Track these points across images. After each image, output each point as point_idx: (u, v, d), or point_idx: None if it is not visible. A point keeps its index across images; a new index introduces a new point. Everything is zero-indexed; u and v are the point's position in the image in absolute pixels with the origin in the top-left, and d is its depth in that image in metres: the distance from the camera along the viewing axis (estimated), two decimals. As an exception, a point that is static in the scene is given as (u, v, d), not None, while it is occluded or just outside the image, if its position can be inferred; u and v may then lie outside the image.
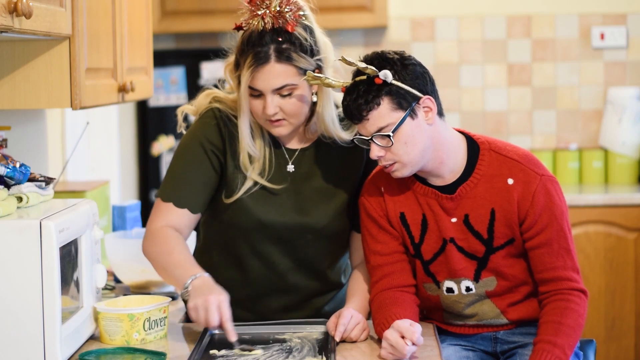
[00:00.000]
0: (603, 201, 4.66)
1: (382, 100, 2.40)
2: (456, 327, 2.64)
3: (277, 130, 2.58)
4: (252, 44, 2.51)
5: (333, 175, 2.67)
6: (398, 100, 2.40)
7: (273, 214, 2.62)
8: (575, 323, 2.47)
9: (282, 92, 2.52)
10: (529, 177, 2.50)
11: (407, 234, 2.56)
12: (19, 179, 2.41)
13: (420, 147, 2.43)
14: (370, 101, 2.40)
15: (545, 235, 2.49)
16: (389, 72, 2.39)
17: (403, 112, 2.41)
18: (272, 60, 2.50)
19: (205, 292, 2.40)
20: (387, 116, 2.40)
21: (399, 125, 2.40)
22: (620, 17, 5.15)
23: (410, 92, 2.41)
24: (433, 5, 5.23)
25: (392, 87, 2.40)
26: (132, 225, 3.53)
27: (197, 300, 2.39)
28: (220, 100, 2.67)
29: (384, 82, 2.39)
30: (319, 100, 2.59)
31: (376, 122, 2.41)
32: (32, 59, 2.59)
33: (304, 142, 2.68)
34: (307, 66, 2.52)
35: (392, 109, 2.40)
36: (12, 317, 2.22)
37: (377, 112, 2.40)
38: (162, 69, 5.00)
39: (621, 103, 4.97)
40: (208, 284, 2.45)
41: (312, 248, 2.67)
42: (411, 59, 2.46)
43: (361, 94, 2.40)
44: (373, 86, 2.40)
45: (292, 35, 2.51)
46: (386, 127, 2.41)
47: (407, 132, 2.42)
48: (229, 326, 2.38)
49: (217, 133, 2.63)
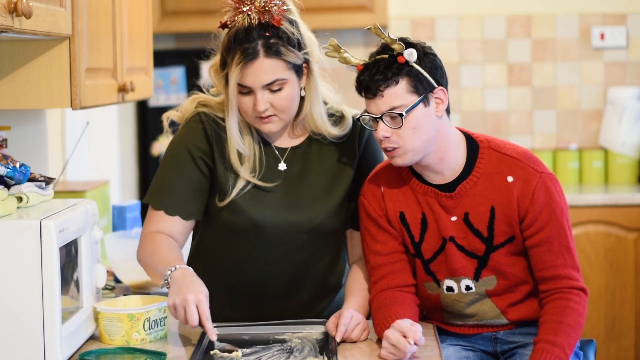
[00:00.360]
0: (603, 201, 4.66)
1: (401, 79, 2.42)
2: (456, 327, 2.64)
3: (267, 127, 2.57)
4: (240, 40, 2.50)
5: (326, 172, 2.66)
6: (415, 83, 2.42)
7: (267, 215, 2.61)
8: (575, 322, 2.47)
9: (272, 88, 2.51)
10: (528, 175, 2.50)
11: (407, 234, 2.56)
12: (19, 179, 2.41)
13: (426, 137, 2.44)
14: (390, 78, 2.41)
15: (545, 233, 2.49)
16: (414, 51, 2.42)
17: (418, 96, 2.42)
18: (261, 56, 2.49)
19: (183, 289, 2.35)
20: (402, 97, 2.42)
21: (412, 108, 2.41)
22: (620, 17, 5.15)
23: (428, 79, 2.43)
24: (433, 5, 5.23)
25: (412, 69, 2.42)
26: (132, 225, 3.53)
27: (175, 298, 2.35)
28: (206, 104, 2.66)
29: (405, 62, 2.41)
30: (307, 95, 2.59)
31: (390, 100, 2.42)
32: (32, 59, 2.59)
33: (293, 139, 2.67)
34: (295, 60, 2.52)
35: (408, 90, 2.42)
36: (12, 317, 2.22)
37: (393, 90, 2.41)
38: (162, 69, 5.00)
39: (621, 103, 4.97)
40: (187, 276, 2.41)
41: (309, 249, 2.66)
42: (432, 49, 2.48)
43: (381, 70, 2.42)
44: (395, 64, 2.42)
45: (279, 30, 2.50)
46: (399, 107, 2.42)
47: (417, 117, 2.42)
48: (208, 325, 2.34)
49: (204, 137, 2.61)
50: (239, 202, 2.60)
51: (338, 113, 2.68)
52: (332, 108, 2.68)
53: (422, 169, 2.52)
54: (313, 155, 2.66)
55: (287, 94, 2.53)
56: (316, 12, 4.90)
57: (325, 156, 2.66)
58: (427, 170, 2.52)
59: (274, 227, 2.61)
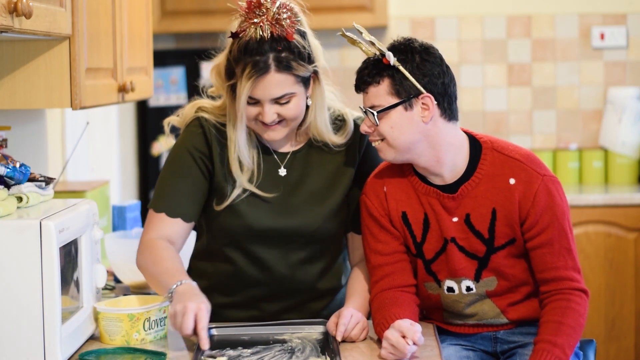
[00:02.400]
0: (603, 201, 4.66)
1: (382, 80, 2.44)
2: (456, 326, 2.64)
3: (271, 135, 2.57)
4: (250, 52, 2.48)
5: (325, 177, 2.66)
6: (397, 87, 2.44)
7: (264, 219, 2.61)
8: (576, 323, 2.47)
9: (280, 101, 2.52)
10: (530, 177, 2.50)
11: (409, 234, 2.56)
12: (19, 179, 2.41)
13: (407, 138, 2.45)
14: (373, 77, 2.45)
15: (547, 235, 2.49)
16: (392, 56, 2.43)
17: (398, 99, 2.43)
18: (272, 70, 2.48)
19: (186, 299, 2.35)
20: (382, 97, 2.45)
21: (387, 109, 2.44)
22: (620, 17, 5.14)
23: (413, 84, 2.43)
24: (433, 5, 5.23)
25: (396, 72, 2.43)
26: (132, 225, 3.53)
27: (176, 306, 2.34)
28: (206, 109, 2.66)
29: (389, 64, 2.43)
30: (312, 103, 2.59)
31: (371, 98, 2.47)
32: (32, 59, 2.59)
33: (294, 145, 2.67)
34: (305, 73, 2.52)
35: (389, 92, 2.44)
36: (12, 317, 2.22)
37: (375, 90, 2.45)
38: (162, 69, 5.00)
39: (621, 103, 4.97)
40: (192, 291, 2.41)
41: (305, 252, 2.66)
42: (435, 56, 2.47)
43: (369, 68, 2.46)
44: (380, 64, 2.45)
45: (290, 44, 2.49)
46: (377, 107, 2.46)
47: (395, 119, 2.45)
48: (203, 334, 2.31)
49: (204, 141, 2.61)
50: (236, 206, 2.61)
51: (340, 117, 2.68)
52: (334, 113, 2.68)
53: (421, 170, 2.53)
54: (313, 160, 2.66)
55: (295, 105, 2.54)
56: (316, 12, 4.89)
57: (324, 161, 2.66)
58: (426, 172, 2.52)
59: (270, 232, 2.62)
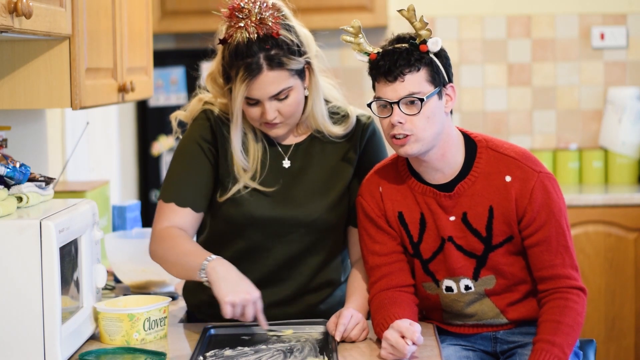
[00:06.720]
0: (603, 201, 4.66)
1: (422, 67, 2.43)
2: (456, 327, 2.64)
3: (275, 132, 2.62)
4: (241, 56, 2.52)
5: (326, 169, 2.69)
6: (433, 74, 2.44)
7: (265, 209, 2.64)
8: (574, 322, 2.47)
9: (279, 97, 2.55)
10: (526, 175, 2.50)
11: (406, 234, 2.56)
12: (19, 179, 2.41)
13: (436, 129, 2.45)
14: (413, 63, 2.42)
15: (544, 233, 2.49)
16: (439, 41, 2.44)
17: (434, 87, 2.44)
18: (264, 70, 2.52)
19: (238, 288, 2.42)
20: (422, 84, 2.43)
21: (430, 97, 2.43)
22: (620, 17, 5.15)
23: (443, 73, 2.45)
24: (433, 5, 5.23)
25: (432, 60, 2.44)
26: (132, 225, 3.53)
27: (234, 297, 2.40)
28: (212, 103, 2.70)
29: (426, 52, 2.43)
30: (309, 94, 2.63)
31: (410, 85, 2.42)
32: (32, 59, 2.59)
33: (297, 137, 2.71)
34: (297, 66, 2.55)
35: (427, 79, 2.43)
36: (12, 317, 2.22)
37: (414, 76, 2.42)
38: (162, 69, 5.00)
39: (621, 103, 4.97)
40: (231, 271, 2.47)
41: (306, 242, 2.68)
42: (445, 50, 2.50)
43: (404, 56, 2.42)
44: (416, 52, 2.43)
45: (278, 40, 2.52)
46: (418, 94, 2.42)
47: (432, 107, 2.44)
48: (261, 317, 2.45)
49: (210, 131, 2.66)
50: (239, 196, 2.63)
51: (342, 112, 2.71)
52: (335, 106, 2.70)
53: (422, 166, 2.52)
54: (314, 151, 2.69)
55: (294, 99, 2.57)
56: (316, 12, 4.91)
57: (326, 153, 2.69)
58: (427, 168, 2.52)
59: (271, 221, 2.64)
